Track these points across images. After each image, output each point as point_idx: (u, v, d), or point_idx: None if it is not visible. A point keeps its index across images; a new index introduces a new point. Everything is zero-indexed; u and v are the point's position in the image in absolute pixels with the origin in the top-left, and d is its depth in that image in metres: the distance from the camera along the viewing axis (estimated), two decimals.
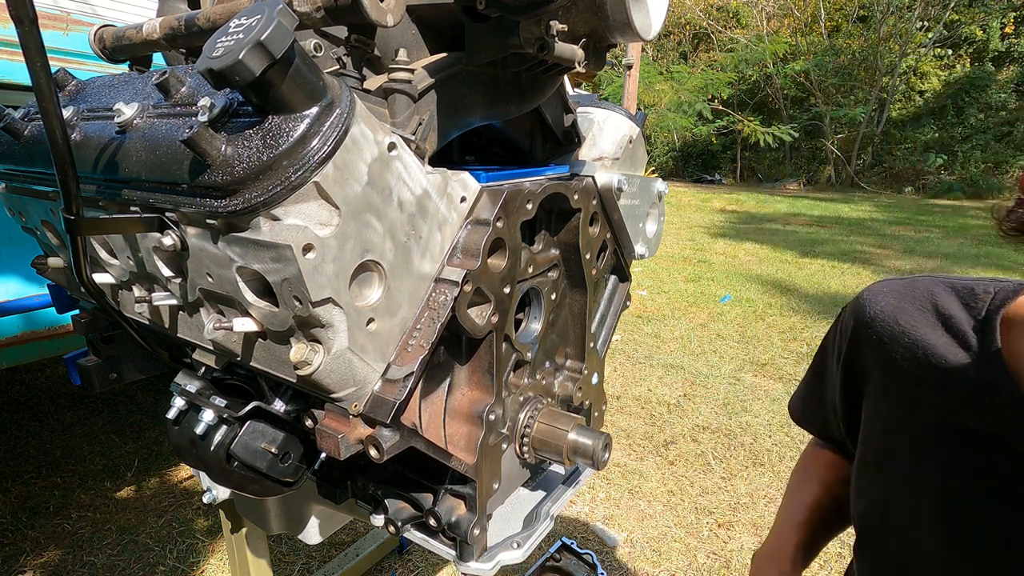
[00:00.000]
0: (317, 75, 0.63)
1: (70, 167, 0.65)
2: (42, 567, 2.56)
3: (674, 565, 2.62)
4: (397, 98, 0.81)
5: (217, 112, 0.65)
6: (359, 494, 1.08)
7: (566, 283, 1.17)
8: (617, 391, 4.30)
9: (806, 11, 21.61)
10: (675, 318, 5.94)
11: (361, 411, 0.78)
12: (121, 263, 0.91)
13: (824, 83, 20.61)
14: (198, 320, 0.86)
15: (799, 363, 4.77)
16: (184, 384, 0.98)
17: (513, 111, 1.02)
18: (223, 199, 0.64)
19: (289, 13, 0.58)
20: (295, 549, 2.70)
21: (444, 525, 0.98)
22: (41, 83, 0.60)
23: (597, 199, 1.15)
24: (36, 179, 0.96)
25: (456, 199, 0.84)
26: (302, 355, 0.70)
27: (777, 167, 22.12)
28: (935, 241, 10.14)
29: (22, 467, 3.24)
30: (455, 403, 0.97)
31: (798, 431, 3.68)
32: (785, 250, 9.35)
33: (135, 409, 3.94)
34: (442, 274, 0.83)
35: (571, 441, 1.03)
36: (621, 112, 1.29)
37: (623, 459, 3.42)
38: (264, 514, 1.44)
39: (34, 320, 2.19)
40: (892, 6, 19.10)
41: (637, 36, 0.89)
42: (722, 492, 3.12)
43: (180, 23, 0.90)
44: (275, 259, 0.65)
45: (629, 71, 9.65)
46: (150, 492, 3.09)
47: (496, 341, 0.92)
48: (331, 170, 0.64)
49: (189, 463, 1.04)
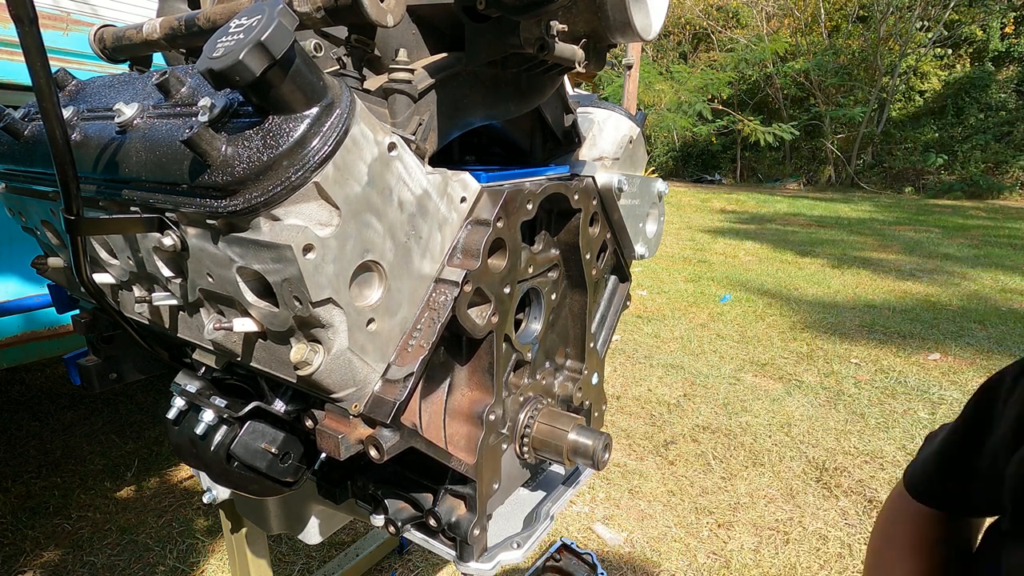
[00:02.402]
0: (317, 75, 0.63)
1: (70, 167, 0.65)
2: (42, 567, 2.56)
3: (674, 565, 2.62)
4: (397, 98, 0.81)
5: (217, 112, 0.65)
6: (359, 494, 1.08)
7: (566, 283, 1.17)
8: (617, 391, 4.30)
9: (806, 11, 21.61)
10: (675, 318, 5.94)
11: (361, 411, 0.78)
12: (121, 263, 0.91)
13: (824, 83, 20.62)
14: (198, 320, 0.86)
15: (799, 363, 4.77)
16: (184, 384, 0.98)
17: (513, 111, 1.02)
18: (223, 199, 0.64)
19: (289, 13, 0.58)
20: (295, 549, 2.70)
21: (444, 525, 0.98)
22: (41, 83, 0.60)
23: (597, 199, 1.15)
24: (36, 179, 0.96)
25: (456, 199, 0.84)
26: (302, 355, 0.70)
27: (777, 167, 22.12)
28: (935, 241, 10.14)
29: (22, 467, 3.24)
30: (455, 403, 0.97)
31: (798, 431, 3.68)
32: (785, 250, 9.35)
33: (135, 409, 3.93)
34: (442, 274, 0.83)
35: (571, 441, 1.03)
36: (621, 112, 1.29)
37: (623, 459, 3.42)
38: (264, 514, 1.44)
39: (34, 320, 2.19)
40: (892, 6, 19.11)
41: (637, 36, 0.89)
42: (722, 492, 3.12)
43: (180, 23, 0.89)
44: (275, 259, 0.65)
45: (629, 71, 9.66)
46: (150, 492, 3.09)
47: (496, 341, 0.92)
48: (331, 170, 0.64)
49: (189, 463, 1.04)
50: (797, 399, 4.14)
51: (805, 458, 3.41)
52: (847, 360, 4.83)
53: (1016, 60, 19.19)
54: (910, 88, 20.73)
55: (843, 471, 3.27)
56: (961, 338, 5.34)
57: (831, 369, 4.65)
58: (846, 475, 3.23)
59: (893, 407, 4.02)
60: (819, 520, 2.88)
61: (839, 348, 5.09)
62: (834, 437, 3.63)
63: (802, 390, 4.28)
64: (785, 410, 3.98)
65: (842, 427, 3.75)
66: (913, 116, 20.54)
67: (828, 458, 3.39)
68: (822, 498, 3.05)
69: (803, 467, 3.32)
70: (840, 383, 4.39)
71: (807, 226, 11.93)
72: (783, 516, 2.92)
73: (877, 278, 7.57)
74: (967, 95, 19.28)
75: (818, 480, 3.20)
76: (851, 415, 3.90)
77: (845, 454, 3.44)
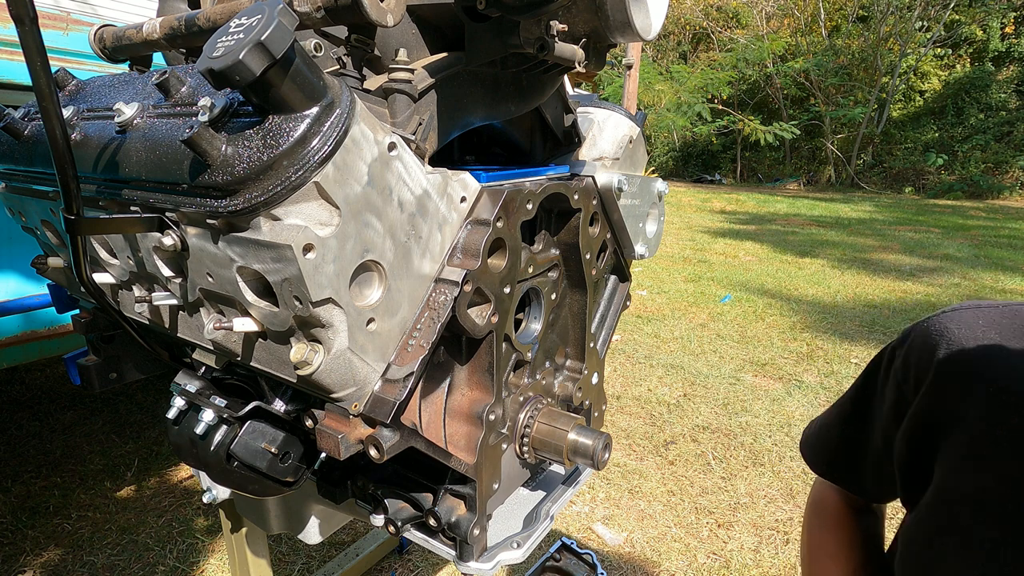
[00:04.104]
0: (317, 75, 0.63)
1: (70, 167, 0.65)
2: (42, 567, 2.56)
3: (674, 565, 2.62)
4: (397, 98, 0.81)
5: (217, 112, 0.65)
6: (359, 494, 1.08)
7: (566, 283, 1.17)
8: (617, 391, 4.30)
9: (806, 11, 21.62)
10: (675, 318, 5.94)
11: (361, 411, 0.78)
12: (121, 263, 0.91)
13: (824, 83, 20.62)
14: (198, 320, 0.86)
15: (799, 363, 4.77)
16: (184, 384, 0.98)
17: (513, 111, 1.02)
18: (223, 199, 0.64)
19: (289, 13, 0.58)
20: (295, 549, 2.70)
21: (444, 525, 0.98)
22: (41, 83, 0.60)
23: (597, 199, 1.15)
24: (36, 179, 0.96)
25: (456, 199, 0.84)
26: (302, 355, 0.70)
27: (777, 167, 22.13)
28: (935, 241, 10.14)
29: (22, 467, 3.24)
30: (455, 403, 0.97)
31: (798, 431, 3.68)
32: (785, 250, 9.35)
33: (135, 409, 3.93)
34: (442, 274, 0.83)
35: (571, 441, 1.03)
36: (621, 112, 1.29)
37: (623, 459, 3.42)
38: (264, 514, 1.44)
39: (34, 320, 2.19)
40: (892, 6, 19.11)
41: (637, 36, 0.89)
42: (722, 492, 3.12)
43: (180, 23, 0.89)
44: (275, 259, 0.65)
45: (629, 71, 9.66)
46: (150, 492, 3.09)
47: (496, 341, 0.92)
48: (331, 170, 0.64)
49: (189, 463, 1.04)
50: (797, 399, 4.14)
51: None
52: (847, 360, 4.82)
53: (1016, 60, 19.19)
54: (910, 88, 20.74)
55: None
56: None
57: (831, 369, 4.65)
58: None
59: None
60: None
61: (839, 348, 5.09)
62: None
63: (802, 390, 4.28)
64: (785, 410, 3.98)
65: None
66: (913, 116, 20.54)
67: None
68: None
69: (803, 467, 3.32)
70: (840, 383, 4.39)
71: (807, 226, 11.92)
72: (783, 516, 2.92)
73: (877, 278, 7.57)
74: (967, 95, 19.28)
75: None
76: None
77: None
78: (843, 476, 1.04)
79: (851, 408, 1.00)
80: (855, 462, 0.99)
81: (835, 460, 1.04)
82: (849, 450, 1.00)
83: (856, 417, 0.98)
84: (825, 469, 1.07)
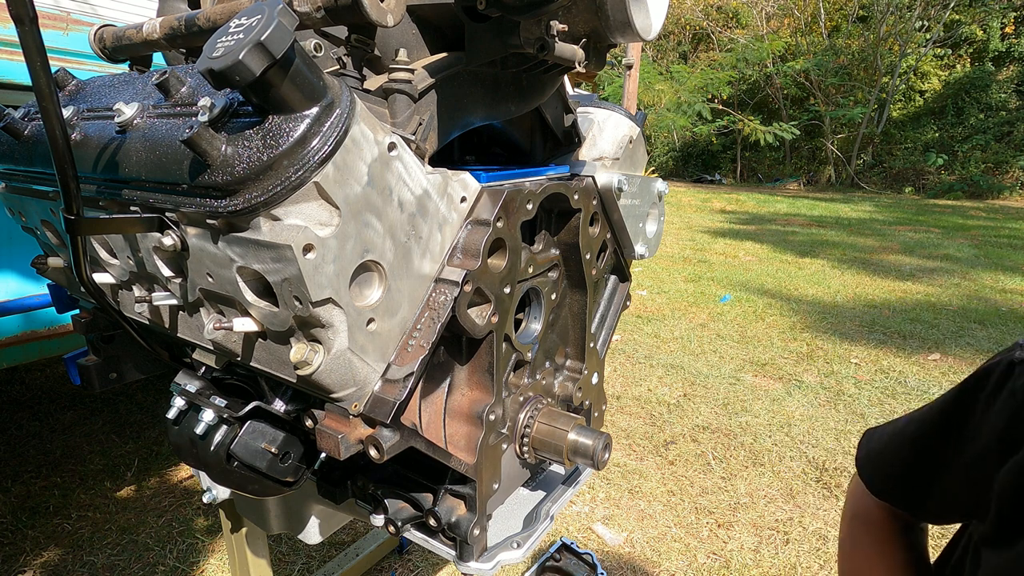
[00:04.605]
0: (317, 75, 0.63)
1: (70, 167, 0.65)
2: (42, 567, 2.56)
3: (674, 565, 2.62)
4: (397, 98, 0.81)
5: (217, 112, 0.65)
6: (359, 494, 1.08)
7: (566, 283, 1.17)
8: (617, 391, 4.30)
9: (806, 11, 21.62)
10: (675, 318, 5.94)
11: (361, 411, 0.78)
12: (121, 263, 0.91)
13: (824, 83, 20.62)
14: (198, 320, 0.86)
15: (799, 363, 4.77)
16: (184, 384, 0.98)
17: (513, 111, 1.02)
18: (223, 199, 0.64)
19: (289, 13, 0.58)
20: (295, 549, 2.70)
21: (444, 525, 0.98)
22: (41, 83, 0.60)
23: (597, 199, 1.15)
24: (36, 179, 0.96)
25: (456, 199, 0.84)
26: (302, 355, 0.70)
27: (777, 167, 22.13)
28: (935, 241, 10.14)
29: (22, 467, 3.24)
30: (455, 403, 0.97)
31: (798, 431, 3.69)
32: (785, 250, 9.35)
33: (135, 409, 3.93)
34: (442, 274, 0.83)
35: (571, 441, 1.03)
36: (621, 112, 1.29)
37: (623, 459, 3.42)
38: (264, 514, 1.44)
39: (34, 320, 2.19)
40: (892, 6, 19.10)
41: (637, 36, 0.89)
42: (722, 492, 3.12)
43: (180, 23, 0.89)
44: (275, 259, 0.65)
45: (629, 71, 9.66)
46: (150, 492, 3.09)
47: (496, 341, 0.92)
48: (331, 170, 0.64)
49: (189, 463, 1.04)
50: (797, 399, 4.14)
51: (805, 458, 3.41)
52: (847, 360, 4.83)
53: (1016, 60, 19.19)
54: (910, 88, 20.74)
55: (843, 471, 3.27)
56: (961, 338, 5.34)
57: (831, 369, 4.65)
58: (846, 475, 3.23)
59: (893, 407, 4.02)
60: (819, 520, 2.88)
61: (839, 348, 5.09)
62: (834, 437, 3.63)
63: (802, 390, 4.28)
64: (785, 410, 3.98)
65: (842, 427, 3.75)
66: (913, 116, 20.54)
67: (828, 458, 3.39)
68: (822, 498, 3.05)
69: (803, 467, 3.32)
70: (840, 383, 4.39)
71: (807, 226, 11.92)
72: (783, 516, 2.92)
73: (877, 278, 7.57)
74: (967, 95, 19.28)
75: (818, 480, 3.20)
76: (851, 415, 3.90)
77: (845, 454, 3.44)
78: (904, 497, 0.95)
79: (937, 425, 0.89)
80: (924, 483, 0.90)
81: (903, 480, 0.95)
82: (921, 470, 0.91)
83: (941, 435, 0.87)
84: (885, 488, 0.98)
